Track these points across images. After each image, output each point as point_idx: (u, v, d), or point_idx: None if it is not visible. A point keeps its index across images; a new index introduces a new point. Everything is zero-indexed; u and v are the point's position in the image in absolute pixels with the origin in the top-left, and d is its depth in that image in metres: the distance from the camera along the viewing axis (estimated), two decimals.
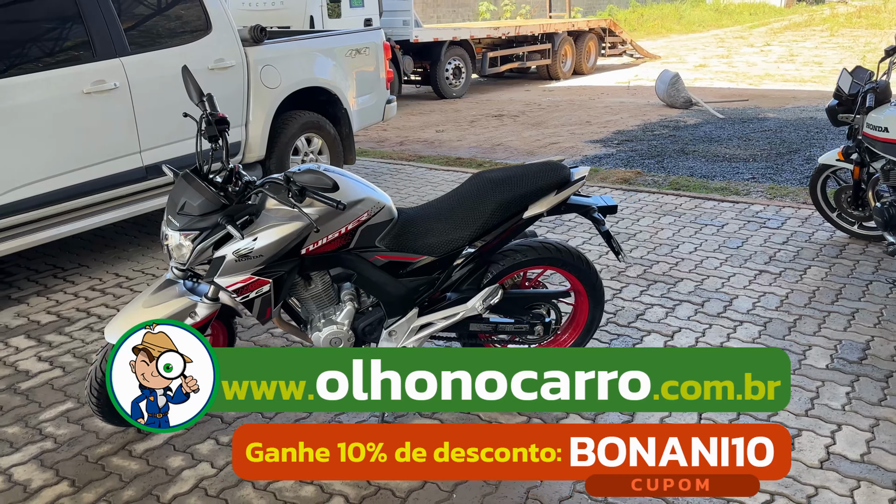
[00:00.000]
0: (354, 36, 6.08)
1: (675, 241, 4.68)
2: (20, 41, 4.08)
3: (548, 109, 10.76)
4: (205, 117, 2.50)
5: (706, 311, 3.66)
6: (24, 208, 3.96)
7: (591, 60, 16.07)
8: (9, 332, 3.67)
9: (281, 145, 5.29)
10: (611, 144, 7.99)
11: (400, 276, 2.68)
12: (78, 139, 4.15)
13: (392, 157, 7.50)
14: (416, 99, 12.42)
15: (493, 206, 2.64)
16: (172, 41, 4.71)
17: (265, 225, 2.44)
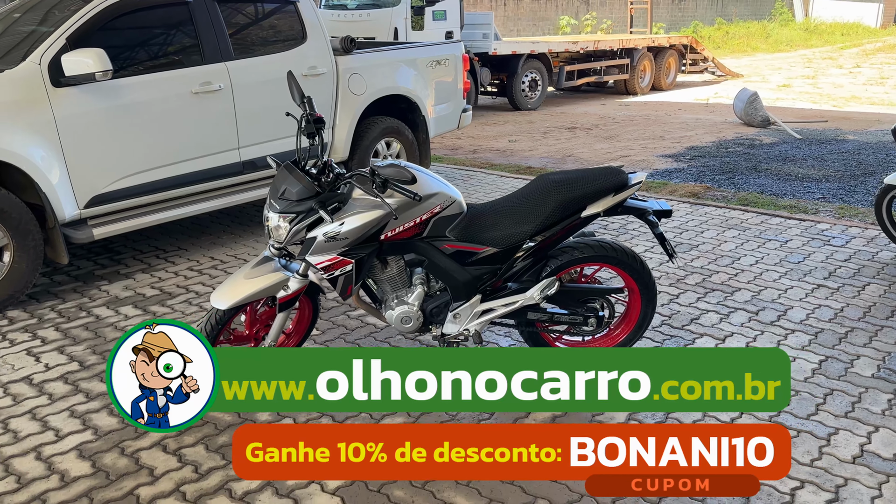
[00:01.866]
0: (436, 48, 6.43)
1: (737, 253, 4.81)
2: (139, 45, 4.59)
3: (622, 123, 10.89)
4: (304, 116, 2.87)
5: (760, 318, 3.80)
6: (137, 193, 4.45)
7: (670, 76, 16.05)
8: (118, 301, 4.14)
9: (363, 147, 5.67)
10: (682, 159, 8.08)
11: (466, 264, 2.96)
12: (184, 134, 4.61)
13: (465, 164, 7.82)
14: (492, 110, 12.73)
15: (553, 204, 2.90)
16: (272, 48, 5.16)
17: (351, 211, 2.77)
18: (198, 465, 2.62)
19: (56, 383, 3.20)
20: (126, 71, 4.38)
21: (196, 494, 2.48)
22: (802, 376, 3.21)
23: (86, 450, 2.71)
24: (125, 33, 4.49)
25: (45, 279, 4.49)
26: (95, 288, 4.34)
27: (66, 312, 3.98)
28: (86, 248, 4.99)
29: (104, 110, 4.24)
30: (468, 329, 3.02)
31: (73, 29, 4.15)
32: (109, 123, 4.27)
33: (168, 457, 2.67)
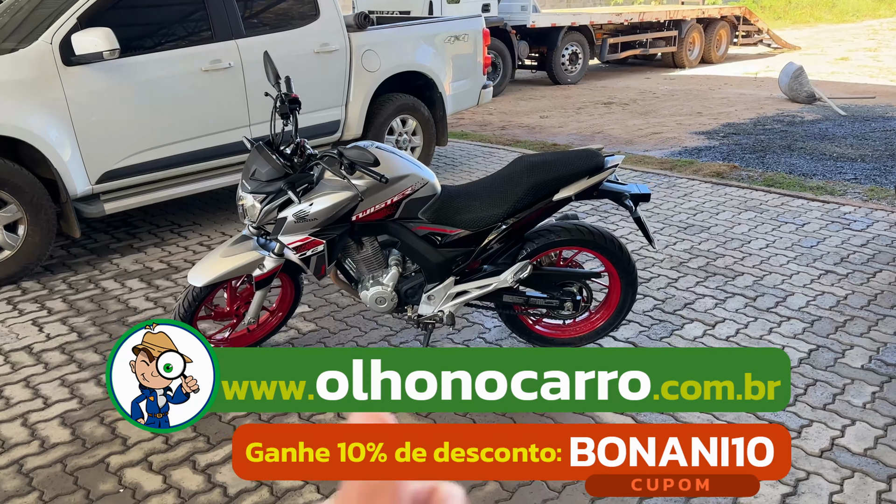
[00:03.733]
0: (455, 23, 6.37)
1: (749, 236, 4.68)
2: (150, 23, 4.69)
3: (661, 98, 10.62)
4: (279, 97, 2.90)
5: (756, 305, 3.71)
6: (148, 170, 4.58)
7: (721, 49, 15.54)
8: (126, 274, 4.29)
9: (377, 125, 5.69)
10: (716, 137, 7.86)
11: (439, 246, 2.97)
12: (194, 112, 4.71)
13: (490, 141, 7.76)
14: (530, 84, 12.57)
15: (525, 187, 2.87)
16: (283, 26, 5.20)
17: (320, 192, 2.81)
18: (168, 437, 2.73)
19: (53, 353, 3.36)
20: (137, 49, 4.48)
21: (162, 464, 2.58)
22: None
23: (68, 418, 2.85)
24: (136, 12, 4.59)
25: (63, 251, 4.68)
26: (107, 261, 4.51)
27: (76, 284, 4.16)
28: (105, 222, 5.18)
29: (114, 88, 4.36)
30: (442, 311, 3.03)
31: (85, 8, 4.26)
32: (120, 101, 4.40)
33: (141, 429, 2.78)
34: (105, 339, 3.49)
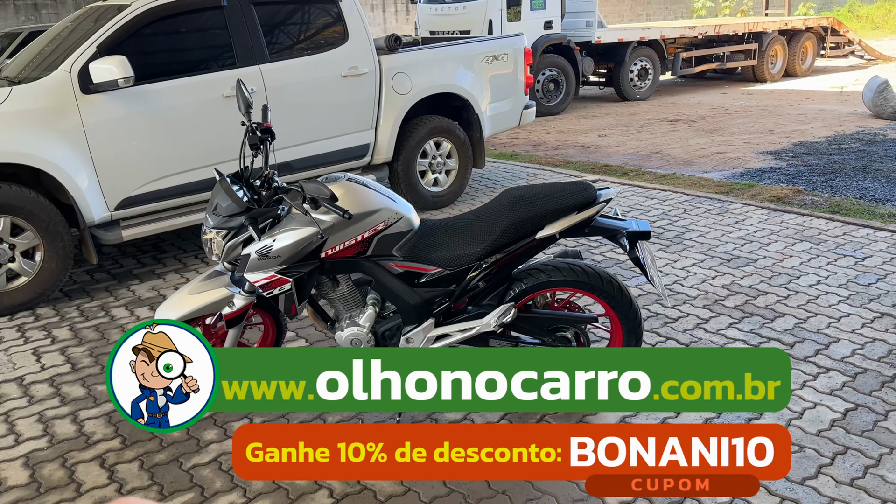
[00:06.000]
0: (493, 43, 6.15)
1: (799, 271, 4.23)
2: (170, 50, 4.69)
3: (733, 115, 10.04)
4: (249, 126, 2.77)
5: (793, 353, 3.29)
6: (167, 196, 4.56)
7: (807, 62, 14.69)
8: (139, 302, 4.26)
9: (408, 148, 5.53)
10: (784, 157, 7.30)
11: (417, 285, 2.75)
12: (214, 138, 4.66)
13: (539, 162, 7.47)
14: (596, 101, 12.18)
15: (505, 224, 2.62)
16: (310, 50, 5.12)
17: (284, 228, 2.64)
18: (122, 484, 2.60)
19: (41, 385, 3.32)
20: (157, 76, 4.48)
21: None
22: (816, 428, 2.73)
23: (32, 458, 2.78)
24: (157, 39, 4.59)
25: (86, 276, 4.72)
26: (125, 287, 4.50)
27: (88, 311, 4.15)
28: (135, 246, 5.21)
29: (132, 115, 4.36)
30: None
31: (105, 37, 4.29)
32: (138, 128, 4.39)
33: (100, 471, 2.68)
34: (96, 372, 3.43)
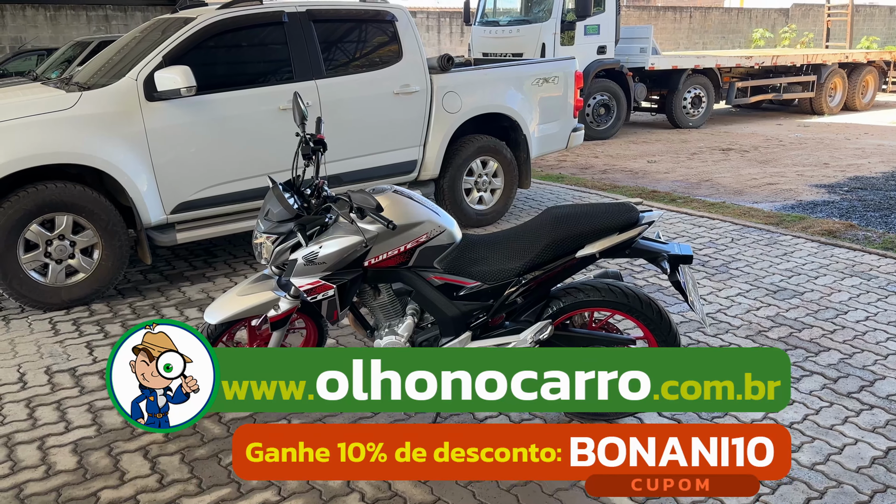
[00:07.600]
0: (544, 65, 6.21)
1: (847, 306, 4.14)
2: (232, 62, 4.87)
3: (787, 146, 9.88)
4: (303, 137, 2.87)
5: (836, 388, 3.23)
6: (221, 202, 4.71)
7: (867, 96, 14.41)
8: (188, 303, 4.40)
9: (455, 166, 5.61)
10: (838, 191, 7.16)
11: (455, 298, 2.79)
12: (269, 148, 4.81)
13: (586, 185, 7.47)
14: (647, 127, 12.12)
15: (546, 241, 2.65)
16: (365, 67, 5.25)
17: (331, 236, 2.72)
18: (163, 475, 2.70)
19: (92, 377, 3.45)
20: (218, 87, 4.65)
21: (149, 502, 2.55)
22: (856, 465, 2.68)
23: (81, 445, 2.89)
24: (220, 51, 4.78)
25: (140, 276, 4.89)
26: (176, 288, 4.66)
27: (140, 310, 4.31)
28: (188, 249, 5.38)
29: (192, 123, 4.53)
30: None
31: (170, 48, 4.49)
32: (197, 135, 4.56)
33: (143, 462, 2.78)
34: None
